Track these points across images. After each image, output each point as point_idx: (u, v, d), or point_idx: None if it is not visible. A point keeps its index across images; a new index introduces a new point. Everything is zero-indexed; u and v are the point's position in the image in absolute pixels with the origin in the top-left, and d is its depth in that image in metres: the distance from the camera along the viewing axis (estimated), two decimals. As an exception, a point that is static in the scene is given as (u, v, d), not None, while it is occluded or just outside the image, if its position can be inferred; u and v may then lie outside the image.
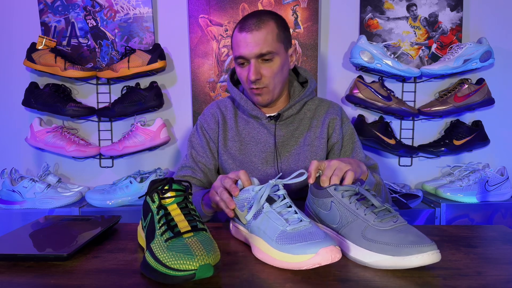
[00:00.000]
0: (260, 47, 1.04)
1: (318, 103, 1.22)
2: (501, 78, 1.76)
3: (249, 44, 1.04)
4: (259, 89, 1.09)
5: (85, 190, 1.66)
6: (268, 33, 1.04)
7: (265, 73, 1.07)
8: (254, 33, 1.03)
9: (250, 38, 1.04)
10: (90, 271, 0.62)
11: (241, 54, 1.06)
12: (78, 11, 1.70)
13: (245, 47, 1.04)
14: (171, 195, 0.64)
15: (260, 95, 1.10)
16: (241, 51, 1.05)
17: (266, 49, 1.04)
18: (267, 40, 1.04)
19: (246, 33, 1.04)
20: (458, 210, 1.56)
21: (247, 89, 1.13)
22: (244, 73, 1.09)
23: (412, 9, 1.72)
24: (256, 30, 1.04)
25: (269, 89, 1.09)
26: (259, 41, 1.03)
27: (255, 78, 1.05)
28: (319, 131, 1.16)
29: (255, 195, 0.70)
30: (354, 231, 0.66)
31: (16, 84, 1.75)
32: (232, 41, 1.11)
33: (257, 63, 1.06)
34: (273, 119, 1.15)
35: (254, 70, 1.05)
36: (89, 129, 1.78)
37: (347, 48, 1.76)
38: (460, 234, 0.80)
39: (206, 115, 1.23)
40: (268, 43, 1.04)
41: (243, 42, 1.05)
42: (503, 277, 0.59)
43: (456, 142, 1.69)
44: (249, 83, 1.09)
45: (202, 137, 1.20)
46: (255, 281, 0.57)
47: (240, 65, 1.09)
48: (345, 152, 1.16)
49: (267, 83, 1.08)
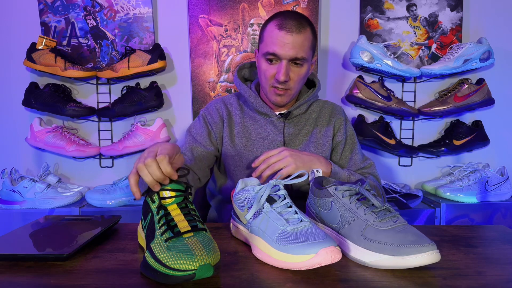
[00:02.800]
0: (297, 51, 1.04)
1: (322, 104, 1.25)
2: (501, 78, 1.76)
3: (286, 45, 1.03)
4: (283, 90, 1.09)
5: (85, 190, 1.66)
6: (306, 39, 1.05)
7: (292, 77, 1.07)
8: (294, 35, 1.03)
9: (289, 39, 1.03)
10: (90, 271, 0.62)
11: (275, 52, 1.05)
12: (78, 11, 1.70)
13: (282, 47, 1.04)
14: (171, 195, 0.64)
15: (281, 96, 1.10)
16: (276, 49, 1.04)
17: (302, 54, 1.05)
18: (304, 45, 1.05)
19: (286, 32, 1.03)
20: (458, 210, 1.56)
21: (267, 86, 1.11)
22: (271, 71, 1.08)
23: (412, 9, 1.72)
24: (296, 33, 1.03)
25: (292, 92, 1.11)
26: (297, 44, 1.04)
27: (284, 79, 1.05)
28: (325, 130, 1.18)
29: (255, 195, 0.70)
30: (354, 231, 0.66)
31: (16, 84, 1.75)
32: (264, 35, 1.09)
33: (289, 65, 1.06)
34: (283, 117, 1.16)
35: (285, 72, 1.05)
36: (89, 129, 1.78)
37: (347, 48, 1.76)
38: (460, 234, 0.80)
39: (210, 108, 1.22)
40: (304, 49, 1.05)
41: (281, 41, 1.04)
42: (503, 277, 0.59)
43: (456, 142, 1.69)
44: (274, 82, 1.08)
45: (203, 126, 1.18)
46: (255, 281, 0.57)
47: (269, 61, 1.08)
48: (345, 152, 1.19)
49: (292, 86, 1.09)
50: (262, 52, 1.09)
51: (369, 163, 1.19)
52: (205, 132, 1.17)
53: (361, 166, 1.17)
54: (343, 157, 1.19)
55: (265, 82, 1.11)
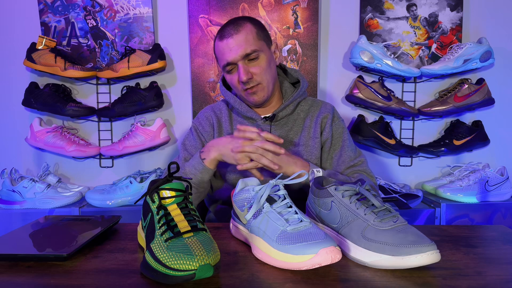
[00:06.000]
0: (244, 48, 1.07)
1: (311, 103, 1.23)
2: (501, 78, 1.76)
3: (232, 49, 1.07)
4: (253, 88, 1.10)
5: (85, 190, 1.66)
6: (248, 34, 1.08)
7: (254, 71, 1.09)
8: (234, 37, 1.07)
9: (232, 42, 1.07)
10: (90, 271, 0.61)
11: (227, 60, 1.09)
12: (78, 11, 1.70)
13: (230, 52, 1.07)
14: (171, 195, 0.64)
15: (255, 93, 1.12)
16: (226, 57, 1.08)
17: (250, 48, 1.07)
18: (248, 40, 1.07)
19: (227, 38, 1.08)
20: (458, 210, 1.56)
21: (241, 92, 1.14)
22: (235, 78, 1.11)
23: (412, 9, 1.72)
24: (235, 34, 1.07)
25: (263, 85, 1.11)
26: (241, 42, 1.07)
27: (246, 78, 1.08)
28: (313, 131, 1.17)
29: (255, 195, 0.70)
30: (354, 231, 0.66)
31: (16, 84, 1.75)
32: (215, 53, 1.14)
33: (245, 64, 1.08)
34: (268, 120, 1.16)
35: (244, 71, 1.08)
36: (89, 129, 1.78)
37: (347, 48, 1.76)
38: (460, 234, 0.80)
39: (200, 118, 1.25)
40: (250, 43, 1.07)
41: (227, 48, 1.08)
42: (503, 277, 0.59)
43: (456, 142, 1.69)
44: (241, 85, 1.11)
45: (196, 138, 1.21)
46: (255, 281, 0.57)
47: (229, 72, 1.12)
48: (334, 149, 1.17)
49: (259, 80, 1.10)
50: (221, 68, 1.14)
51: (360, 160, 1.15)
52: (198, 143, 1.20)
53: (351, 164, 1.14)
54: (330, 156, 1.16)
55: (238, 90, 1.14)
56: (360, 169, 1.15)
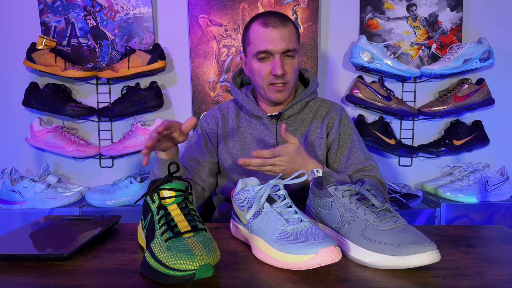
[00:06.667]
0: (287, 43, 1.06)
1: (320, 103, 1.21)
2: (501, 78, 1.76)
3: (276, 39, 1.05)
4: (282, 85, 1.09)
5: (85, 190, 1.66)
6: (292, 31, 1.08)
7: (288, 69, 1.08)
8: (280, 29, 1.05)
9: (277, 33, 1.05)
10: (90, 271, 0.62)
11: (266, 49, 1.05)
12: (78, 11, 1.70)
13: (272, 42, 1.05)
14: (171, 195, 0.64)
15: (281, 91, 1.10)
16: (267, 46, 1.05)
17: (292, 45, 1.07)
18: (292, 37, 1.07)
19: (273, 28, 1.05)
20: (458, 210, 1.56)
21: (265, 85, 1.10)
22: (265, 68, 1.08)
23: (412, 9, 1.72)
24: (282, 27, 1.06)
25: (289, 86, 1.11)
26: (285, 37, 1.06)
27: (281, 73, 1.06)
28: (319, 131, 1.16)
29: (255, 195, 0.70)
30: (354, 231, 0.66)
31: (16, 84, 1.75)
32: (250, 37, 1.10)
33: (282, 58, 1.07)
34: (274, 118, 1.15)
35: (281, 65, 1.06)
36: (89, 129, 1.78)
37: (347, 48, 1.76)
38: (460, 234, 0.80)
39: (207, 116, 1.25)
40: (292, 41, 1.07)
41: (270, 37, 1.05)
42: (503, 277, 0.59)
43: (456, 142, 1.69)
44: (271, 79, 1.08)
45: (201, 136, 1.22)
46: (255, 281, 0.57)
47: (261, 60, 1.08)
48: (342, 151, 1.14)
49: (288, 79, 1.09)
50: (252, 53, 1.09)
51: (370, 164, 1.13)
52: (201, 141, 1.20)
53: (360, 167, 1.11)
54: (338, 158, 1.14)
55: (262, 82, 1.10)
56: (370, 174, 1.11)
